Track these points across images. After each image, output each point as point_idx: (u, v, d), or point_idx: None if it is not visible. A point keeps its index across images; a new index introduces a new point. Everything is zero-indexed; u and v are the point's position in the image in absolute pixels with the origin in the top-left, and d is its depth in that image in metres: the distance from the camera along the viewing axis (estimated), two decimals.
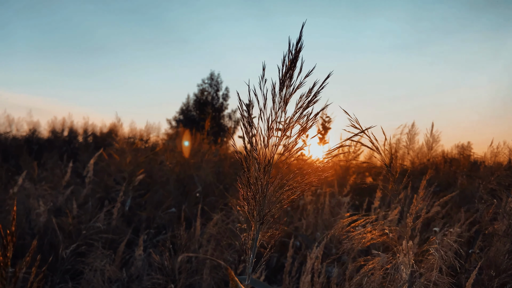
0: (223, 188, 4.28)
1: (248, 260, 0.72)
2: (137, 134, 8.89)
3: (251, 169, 0.71)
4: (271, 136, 0.71)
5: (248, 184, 0.71)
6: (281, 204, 0.72)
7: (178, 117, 21.05)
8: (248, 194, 0.71)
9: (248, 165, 0.71)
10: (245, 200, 0.72)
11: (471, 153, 6.77)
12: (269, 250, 0.74)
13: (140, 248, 2.26)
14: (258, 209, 0.71)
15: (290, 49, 0.71)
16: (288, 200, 0.72)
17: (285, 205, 0.72)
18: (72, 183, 3.87)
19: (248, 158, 0.71)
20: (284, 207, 0.72)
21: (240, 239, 1.90)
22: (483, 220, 2.33)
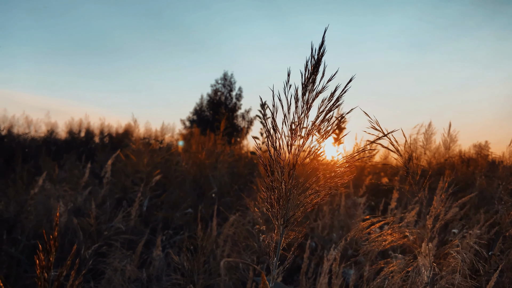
0: (238, 188, 4.30)
1: (272, 263, 0.73)
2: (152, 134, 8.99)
3: (275, 172, 0.72)
4: (294, 140, 0.72)
5: (272, 187, 0.72)
6: (304, 207, 0.72)
7: (192, 118, 21.18)
8: (272, 198, 0.72)
9: (272, 169, 0.72)
10: (269, 203, 0.73)
11: (488, 153, 6.65)
12: (292, 253, 0.75)
13: (158, 248, 2.29)
14: (282, 213, 0.72)
15: (313, 54, 0.72)
16: (312, 204, 0.72)
17: (309, 208, 0.72)
18: (90, 183, 3.94)
19: (272, 162, 0.72)
20: (307, 210, 0.72)
21: (258, 240, 1.91)
22: (503, 221, 2.29)
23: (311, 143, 0.72)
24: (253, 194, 3.22)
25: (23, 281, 2.31)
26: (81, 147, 8.40)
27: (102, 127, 9.73)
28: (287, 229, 0.73)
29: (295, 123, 0.72)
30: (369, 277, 1.61)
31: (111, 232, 2.49)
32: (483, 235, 2.41)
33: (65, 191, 3.16)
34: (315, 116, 0.73)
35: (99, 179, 4.36)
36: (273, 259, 0.73)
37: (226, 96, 21.61)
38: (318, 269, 2.43)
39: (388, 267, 1.30)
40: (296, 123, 0.72)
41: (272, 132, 0.73)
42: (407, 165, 1.19)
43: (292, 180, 0.71)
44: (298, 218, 0.72)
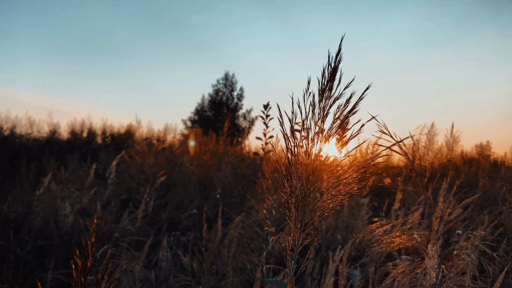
0: (241, 189, 4.32)
1: (289, 266, 0.75)
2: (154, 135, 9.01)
3: (293, 177, 0.73)
4: (312, 146, 0.74)
5: (290, 192, 0.74)
6: (321, 212, 0.74)
7: (193, 118, 21.20)
8: (289, 202, 0.74)
9: (290, 174, 0.73)
10: (286, 207, 0.74)
11: (490, 153, 6.66)
12: (308, 257, 0.76)
13: (165, 249, 2.31)
14: (300, 217, 0.74)
15: (330, 61, 0.73)
16: (329, 208, 0.74)
17: (326, 213, 0.74)
18: (95, 184, 3.96)
19: (290, 167, 0.73)
20: (324, 215, 0.74)
21: (267, 242, 1.93)
22: (508, 223, 2.31)
23: (327, 149, 0.74)
24: (258, 195, 3.23)
25: (30, 282, 2.33)
26: (83, 148, 8.42)
27: (104, 127, 9.74)
28: (304, 233, 0.75)
29: (312, 130, 0.73)
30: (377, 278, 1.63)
31: (118, 233, 2.50)
32: (487, 236, 2.43)
33: (72, 192, 3.18)
34: (331, 122, 0.75)
35: (103, 179, 4.38)
36: (290, 263, 0.75)
37: (227, 96, 21.63)
38: (323, 270, 2.45)
39: (397, 269, 1.32)
40: (314, 130, 0.74)
41: (290, 137, 0.74)
42: (415, 167, 1.20)
43: (310, 185, 0.73)
44: (315, 222, 0.74)
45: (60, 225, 2.60)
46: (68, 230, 2.55)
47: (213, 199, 3.80)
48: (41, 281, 2.26)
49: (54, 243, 2.46)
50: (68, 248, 2.49)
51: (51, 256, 2.41)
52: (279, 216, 1.94)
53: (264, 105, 4.38)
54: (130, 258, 2.14)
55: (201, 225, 3.26)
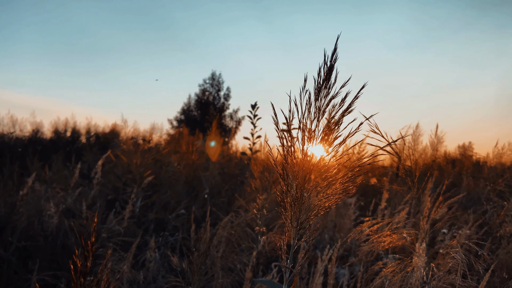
0: (229, 188, 4.31)
1: (285, 266, 0.74)
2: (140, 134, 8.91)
3: (289, 177, 0.73)
4: (308, 145, 0.73)
5: (286, 191, 0.73)
6: (317, 211, 0.74)
7: (180, 117, 21.07)
8: (285, 201, 0.73)
9: (287, 173, 0.73)
10: (282, 207, 0.74)
11: (472, 153, 6.78)
12: (304, 256, 0.76)
13: (152, 250, 2.28)
14: (296, 216, 0.73)
15: (326, 60, 0.73)
16: (324, 207, 0.74)
17: (321, 212, 0.74)
18: (80, 184, 3.89)
19: (286, 166, 0.73)
20: (320, 214, 0.74)
21: (257, 242, 1.92)
22: (493, 222, 2.35)
23: (323, 148, 0.74)
24: (246, 194, 3.23)
25: (14, 283, 2.28)
26: (67, 147, 8.29)
27: (89, 126, 9.59)
28: (299, 232, 0.75)
29: (310, 129, 0.73)
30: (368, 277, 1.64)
31: (105, 233, 2.46)
32: (472, 235, 2.47)
33: (56, 192, 3.12)
34: (326, 121, 0.75)
35: (88, 179, 4.31)
36: (285, 262, 0.74)
37: (214, 96, 21.56)
38: (311, 269, 2.46)
39: (387, 268, 1.33)
40: (309, 129, 0.73)
41: (287, 137, 0.74)
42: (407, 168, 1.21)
43: (306, 184, 0.72)
44: (310, 221, 0.74)
45: (45, 225, 2.55)
46: (53, 231, 2.50)
47: (201, 199, 3.78)
48: (25, 283, 2.21)
49: (39, 244, 2.41)
50: (53, 249, 2.44)
51: (36, 257, 2.36)
52: (270, 216, 1.94)
53: (251, 105, 4.38)
54: (117, 259, 2.11)
55: (189, 225, 3.23)
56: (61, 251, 2.44)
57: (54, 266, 2.37)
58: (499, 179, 2.93)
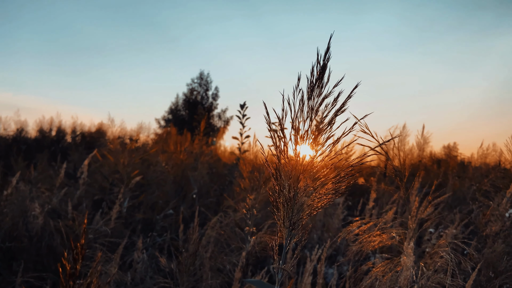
0: (218, 188, 4.29)
1: (277, 266, 0.74)
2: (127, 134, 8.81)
3: (282, 177, 0.72)
4: (300, 145, 0.73)
5: (278, 191, 0.73)
6: (310, 211, 0.73)
7: (167, 117, 20.92)
8: (278, 201, 0.73)
9: (280, 173, 0.72)
10: (275, 207, 0.73)
11: (457, 154, 6.88)
12: (296, 257, 0.76)
13: (139, 250, 2.25)
14: (289, 217, 0.73)
15: (319, 59, 0.73)
16: (316, 207, 0.73)
17: (314, 212, 0.73)
18: (65, 184, 3.83)
19: (279, 166, 0.72)
20: (312, 214, 0.73)
21: (247, 242, 1.91)
22: (479, 221, 2.39)
23: (317, 148, 0.73)
24: (235, 194, 3.21)
25: None
26: (53, 146, 8.16)
27: (74, 125, 9.45)
28: (292, 232, 0.74)
29: (303, 128, 0.73)
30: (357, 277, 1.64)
31: (91, 234, 2.42)
32: (458, 234, 2.50)
33: (41, 192, 3.06)
34: (319, 121, 0.74)
35: (74, 179, 4.24)
36: (277, 262, 0.74)
37: (202, 96, 21.44)
38: (300, 269, 2.46)
39: (377, 267, 1.33)
40: (303, 128, 0.73)
41: (280, 137, 0.73)
42: (397, 169, 1.22)
43: (302, 183, 0.72)
44: (303, 222, 0.73)
45: (30, 226, 2.50)
46: (38, 232, 2.45)
47: (189, 199, 3.75)
48: (9, 285, 2.16)
49: (23, 245, 2.36)
50: (38, 250, 2.39)
51: (20, 258, 2.31)
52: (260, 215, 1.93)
53: (240, 105, 4.37)
54: (104, 260, 2.07)
55: (177, 225, 3.21)
56: (46, 252, 2.39)
57: (39, 268, 2.32)
58: (484, 179, 2.97)
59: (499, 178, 2.82)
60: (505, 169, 3.06)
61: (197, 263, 1.95)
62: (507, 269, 1.76)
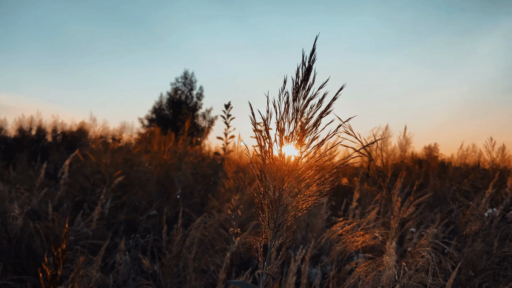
0: (202, 188, 4.26)
1: (261, 267, 0.73)
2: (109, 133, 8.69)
3: (267, 177, 0.72)
4: (285, 146, 0.73)
5: (264, 193, 0.72)
6: (295, 212, 0.73)
7: (151, 116, 20.70)
8: (263, 203, 0.73)
9: (264, 174, 0.72)
10: (260, 208, 0.73)
11: (438, 154, 7.01)
12: (281, 258, 0.76)
13: (122, 252, 2.22)
14: (274, 218, 0.73)
15: (304, 60, 0.73)
16: (301, 208, 0.73)
17: (299, 213, 0.73)
18: (46, 184, 3.75)
19: (264, 167, 0.72)
20: (297, 215, 0.73)
21: (232, 243, 1.91)
22: (459, 221, 2.43)
23: (301, 149, 0.73)
24: (220, 195, 3.20)
25: None
26: (32, 146, 7.98)
27: (55, 124, 9.27)
28: (277, 233, 0.74)
29: (287, 129, 0.73)
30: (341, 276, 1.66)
31: (72, 236, 2.38)
32: (439, 234, 2.55)
33: (21, 192, 2.99)
34: (304, 122, 0.74)
35: (54, 180, 4.16)
36: (262, 264, 0.73)
37: (186, 95, 21.29)
38: (284, 269, 2.47)
39: (360, 267, 1.34)
40: (288, 129, 0.73)
41: (264, 137, 0.73)
42: (379, 169, 1.23)
43: (284, 185, 0.72)
44: (288, 223, 0.73)
45: (9, 228, 2.43)
46: (17, 233, 2.39)
47: (173, 200, 3.72)
48: None
49: (2, 247, 2.30)
50: (17, 252, 2.33)
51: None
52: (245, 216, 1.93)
53: (225, 105, 4.35)
54: (85, 262, 2.04)
55: (161, 226, 3.17)
56: (26, 254, 2.33)
57: (19, 270, 2.27)
58: (464, 180, 3.04)
59: (478, 178, 2.88)
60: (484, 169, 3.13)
61: (181, 265, 1.94)
62: (486, 268, 1.80)
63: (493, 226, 2.26)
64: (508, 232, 2.12)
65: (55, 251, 0.72)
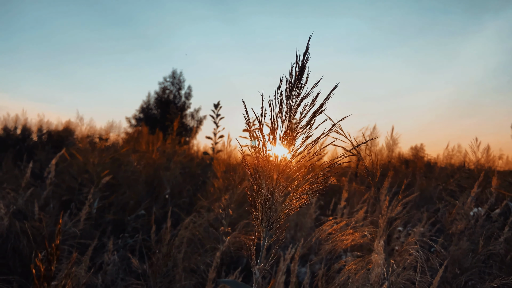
0: (191, 188, 4.25)
1: (254, 266, 0.74)
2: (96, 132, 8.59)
3: (261, 176, 0.73)
4: (279, 145, 0.73)
5: (257, 191, 0.73)
6: (288, 211, 0.74)
7: (138, 116, 20.53)
8: (256, 201, 0.73)
9: (258, 173, 0.73)
10: (253, 206, 0.74)
11: (424, 155, 7.12)
12: (273, 257, 0.76)
13: (110, 252, 2.20)
14: (267, 216, 0.73)
15: (297, 60, 0.74)
16: (294, 207, 0.74)
17: (292, 211, 0.74)
18: (32, 184, 3.70)
19: (257, 165, 0.73)
20: (291, 214, 0.74)
21: (222, 242, 1.91)
22: (445, 220, 2.47)
23: (294, 148, 0.74)
24: (209, 194, 3.19)
25: None
26: (18, 145, 7.85)
27: (41, 123, 9.13)
28: (270, 232, 0.74)
29: (280, 128, 0.73)
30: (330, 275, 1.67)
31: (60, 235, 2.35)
32: (426, 232, 2.58)
33: (7, 192, 2.94)
34: (298, 121, 0.75)
35: (40, 179, 4.10)
36: (255, 262, 0.74)
37: (174, 95, 21.15)
38: (273, 268, 2.47)
39: (349, 265, 1.36)
40: (281, 128, 0.73)
41: (258, 136, 0.73)
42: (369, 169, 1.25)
43: (278, 184, 0.72)
44: (281, 221, 0.74)
45: None
46: (3, 233, 2.35)
47: (162, 200, 3.70)
48: None
49: None
50: (3, 253, 2.29)
51: None
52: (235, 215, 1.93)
53: (214, 104, 4.35)
54: (73, 262, 2.01)
55: (149, 226, 3.15)
56: (12, 254, 2.30)
57: (5, 271, 2.23)
58: (450, 179, 3.09)
59: (464, 178, 2.94)
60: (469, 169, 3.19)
61: (170, 264, 1.93)
62: (472, 266, 1.83)
63: (479, 225, 2.30)
64: (493, 231, 2.17)
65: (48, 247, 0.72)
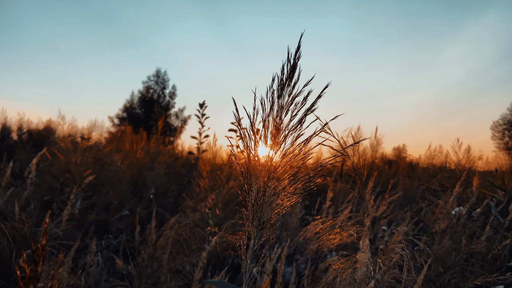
0: (176, 188, 4.21)
1: (245, 267, 0.73)
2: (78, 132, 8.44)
3: (251, 176, 0.72)
4: (270, 144, 0.73)
5: (248, 190, 0.72)
6: (279, 210, 0.73)
7: (122, 115, 20.26)
8: (246, 200, 0.72)
9: (249, 172, 0.72)
10: (244, 206, 0.73)
11: (406, 155, 7.23)
12: (264, 256, 0.76)
13: (93, 253, 2.16)
14: (258, 216, 0.72)
15: (289, 58, 0.73)
16: (285, 206, 0.74)
17: (283, 211, 0.73)
18: (11, 184, 3.60)
19: (248, 165, 0.72)
20: (281, 213, 0.73)
21: (208, 242, 1.89)
22: (428, 219, 2.51)
23: (285, 147, 0.74)
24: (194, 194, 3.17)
25: None
26: None
27: (21, 122, 8.92)
28: (261, 231, 0.74)
29: (271, 127, 0.73)
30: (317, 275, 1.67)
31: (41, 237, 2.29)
32: (409, 231, 2.62)
33: None
34: (289, 120, 0.74)
35: (21, 179, 4.00)
36: (246, 263, 0.73)
37: (158, 94, 20.94)
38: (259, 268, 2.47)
39: (336, 265, 1.36)
40: (271, 127, 0.73)
41: (249, 135, 0.73)
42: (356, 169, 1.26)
43: (269, 183, 0.72)
44: (271, 221, 0.73)
45: None
46: None
47: (146, 200, 3.65)
48: None
49: None
50: None
51: None
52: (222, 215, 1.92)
53: (199, 104, 4.32)
54: (54, 264, 1.97)
55: (133, 227, 3.11)
56: None
57: None
58: (433, 179, 3.14)
59: (446, 178, 2.99)
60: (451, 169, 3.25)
61: (155, 265, 1.90)
62: (455, 264, 1.87)
63: (460, 224, 2.35)
64: (474, 229, 2.21)
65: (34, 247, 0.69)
